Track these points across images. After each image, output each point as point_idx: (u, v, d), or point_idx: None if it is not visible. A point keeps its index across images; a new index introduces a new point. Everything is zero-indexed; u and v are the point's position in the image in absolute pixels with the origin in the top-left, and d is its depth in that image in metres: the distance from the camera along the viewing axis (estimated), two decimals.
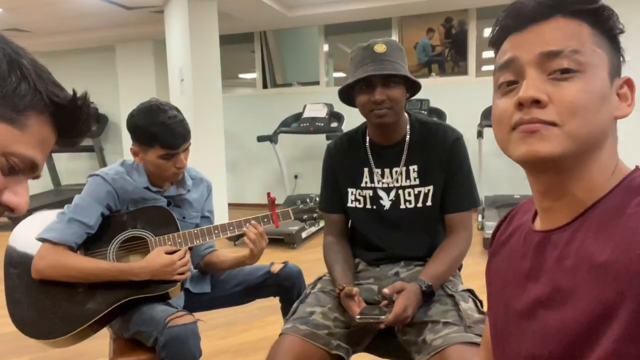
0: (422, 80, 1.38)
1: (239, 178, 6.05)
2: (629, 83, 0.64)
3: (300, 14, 5.35)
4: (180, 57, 4.63)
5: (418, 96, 5.35)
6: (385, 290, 1.19)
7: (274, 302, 1.72)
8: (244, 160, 6.10)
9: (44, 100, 0.53)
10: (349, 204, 1.43)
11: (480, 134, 4.53)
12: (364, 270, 1.43)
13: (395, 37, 5.69)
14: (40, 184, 6.47)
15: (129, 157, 1.58)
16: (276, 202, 1.63)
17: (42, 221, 1.47)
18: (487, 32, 5.18)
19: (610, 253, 0.55)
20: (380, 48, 1.29)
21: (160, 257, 1.43)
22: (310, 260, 3.49)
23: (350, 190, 1.43)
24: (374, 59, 1.28)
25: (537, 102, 0.59)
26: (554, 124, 0.58)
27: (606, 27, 0.62)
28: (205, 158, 4.52)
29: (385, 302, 1.20)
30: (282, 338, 1.24)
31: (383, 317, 1.14)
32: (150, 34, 5.87)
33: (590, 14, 0.61)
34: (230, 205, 4.91)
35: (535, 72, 0.60)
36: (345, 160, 1.44)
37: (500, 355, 0.72)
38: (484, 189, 4.27)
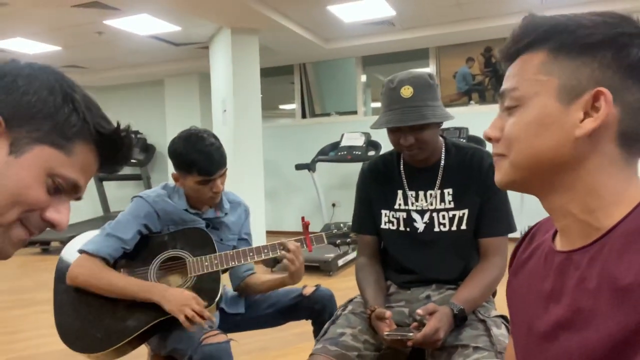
0: (461, 109, 1.40)
1: (277, 206, 6.14)
2: (598, 95, 0.58)
3: (337, 46, 5.51)
4: (223, 89, 4.84)
5: (457, 124, 5.32)
6: (419, 311, 1.18)
7: (309, 328, 1.73)
8: (282, 188, 6.21)
9: (91, 131, 0.59)
10: (382, 226, 1.45)
11: None
12: (395, 293, 1.43)
13: (432, 67, 5.73)
14: (91, 210, 6.80)
15: (172, 183, 1.67)
16: (314, 229, 1.66)
17: (88, 238, 1.56)
18: None
19: (634, 276, 0.54)
20: (406, 92, 1.28)
21: (183, 293, 1.44)
22: (346, 288, 3.47)
23: (384, 212, 1.45)
24: (400, 104, 1.28)
25: (490, 139, 0.68)
26: (504, 155, 0.67)
27: (567, 44, 0.60)
28: (244, 186, 4.65)
29: (415, 324, 1.20)
30: (313, 358, 1.25)
31: (411, 334, 1.14)
32: (196, 68, 6.18)
33: (544, 39, 0.62)
34: (268, 232, 4.98)
35: (500, 109, 0.69)
36: (379, 182, 1.47)
37: None
38: (525, 218, 4.15)
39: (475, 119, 5.04)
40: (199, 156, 1.51)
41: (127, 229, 1.54)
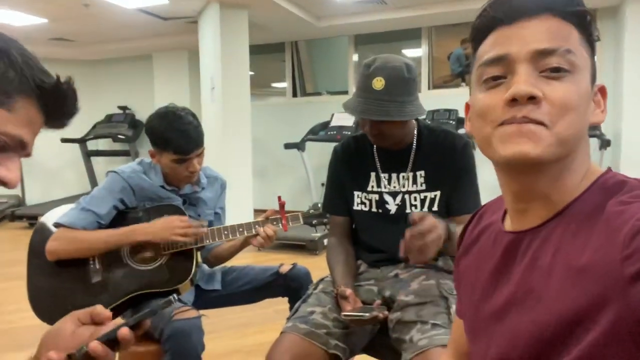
0: (452, 91, 1.38)
1: (266, 184, 6.13)
2: (602, 90, 0.64)
3: (330, 24, 5.43)
4: (212, 66, 4.77)
5: (448, 106, 5.32)
6: (414, 216, 1.06)
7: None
8: (272, 167, 6.19)
9: (31, 85, 0.58)
10: (355, 207, 1.45)
11: None
12: (365, 272, 1.44)
13: (425, 47, 5.68)
14: (79, 186, 6.76)
15: (148, 159, 1.65)
16: (303, 209, 1.66)
17: (63, 212, 1.55)
18: None
19: (590, 256, 0.54)
20: (378, 84, 1.25)
21: (162, 219, 1.49)
22: None
23: (356, 193, 1.45)
24: (369, 94, 1.26)
25: (532, 99, 0.57)
26: (543, 125, 0.57)
27: (589, 31, 0.61)
28: (232, 163, 4.63)
29: (378, 302, 1.21)
30: (283, 336, 1.26)
31: (367, 314, 1.16)
32: (186, 43, 6.07)
33: (577, 16, 0.60)
34: (256, 210, 4.98)
35: (527, 68, 0.58)
36: (352, 164, 1.47)
37: (470, 353, 0.72)
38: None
39: (465, 101, 5.04)
40: (175, 134, 1.49)
41: (103, 203, 1.53)
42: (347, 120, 5.19)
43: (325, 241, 4.31)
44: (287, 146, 5.27)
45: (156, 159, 1.58)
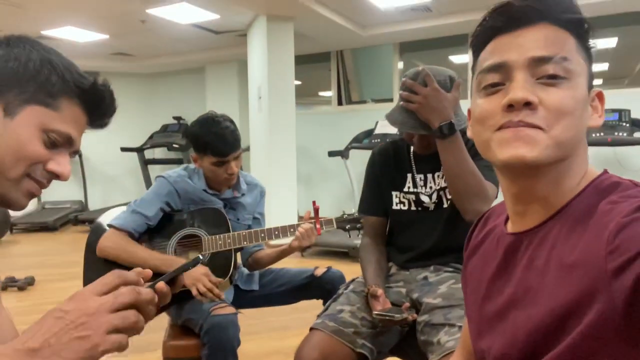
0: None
1: (311, 191, 6.23)
2: (599, 96, 0.66)
3: (374, 32, 5.48)
4: (259, 76, 4.94)
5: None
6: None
7: None
8: (316, 174, 6.29)
9: (71, 87, 0.67)
10: (394, 207, 1.49)
11: None
12: (395, 274, 1.47)
13: (471, 54, 5.59)
14: (137, 192, 7.15)
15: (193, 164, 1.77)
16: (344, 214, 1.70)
17: (116, 213, 1.69)
18: None
19: (579, 253, 0.56)
20: None
21: (199, 269, 1.53)
22: None
23: (394, 193, 1.49)
24: (402, 107, 1.34)
25: (527, 104, 0.59)
26: (539, 128, 0.59)
27: (585, 39, 0.63)
28: (277, 171, 4.76)
29: (407, 304, 1.24)
30: (311, 333, 1.31)
31: (398, 316, 1.19)
32: (236, 55, 6.31)
33: (574, 24, 0.62)
34: (300, 217, 5.08)
35: (524, 75, 0.60)
36: (389, 166, 1.52)
37: (476, 351, 0.75)
38: None
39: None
40: (213, 138, 1.59)
41: (151, 206, 1.65)
42: (391, 127, 5.17)
43: None
44: (331, 154, 5.35)
45: (198, 163, 1.69)
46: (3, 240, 5.49)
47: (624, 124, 4.21)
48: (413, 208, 1.46)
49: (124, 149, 6.66)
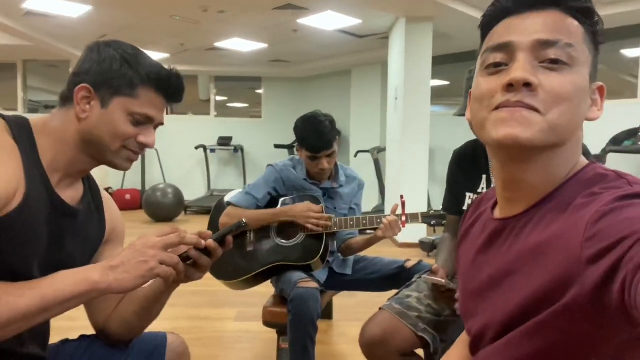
0: None
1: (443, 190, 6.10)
2: (601, 90, 0.65)
3: None
4: (396, 77, 5.04)
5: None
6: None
7: None
8: None
9: (144, 77, 0.90)
10: (464, 207, 1.51)
11: None
12: None
13: None
14: None
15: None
16: None
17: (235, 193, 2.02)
18: None
19: (556, 241, 0.59)
20: None
21: (303, 204, 1.82)
22: None
23: (467, 194, 1.51)
24: None
25: (527, 86, 0.59)
26: (536, 111, 0.59)
27: (594, 30, 0.64)
28: (409, 169, 4.81)
29: None
30: (378, 313, 1.42)
31: (444, 281, 1.25)
32: (379, 57, 6.50)
33: (584, 14, 0.63)
34: None
35: (526, 56, 0.61)
36: (465, 167, 1.53)
37: (466, 330, 0.79)
38: None
39: None
40: (310, 135, 1.79)
41: (260, 190, 1.93)
42: None
43: None
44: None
45: (299, 153, 1.91)
46: (177, 220, 6.56)
47: None
48: None
49: (277, 146, 7.36)
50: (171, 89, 0.94)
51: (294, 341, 1.62)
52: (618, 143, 4.42)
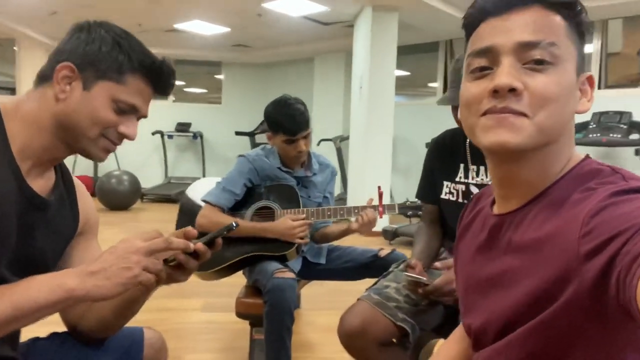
0: (630, 91, 1.32)
1: (407, 181, 6.21)
2: (590, 80, 0.65)
3: None
4: (361, 66, 5.05)
5: (617, 108, 4.72)
6: (437, 264, 1.27)
7: None
8: (414, 165, 6.23)
9: (135, 65, 0.83)
10: (442, 196, 1.52)
11: None
12: (444, 259, 1.51)
13: (597, 43, 5.10)
14: None
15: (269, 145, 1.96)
16: None
17: (204, 186, 1.95)
18: None
19: (553, 237, 0.58)
20: None
21: (286, 222, 1.75)
22: None
23: (445, 183, 1.52)
24: (459, 82, 1.34)
25: (512, 91, 0.59)
26: (524, 115, 0.59)
27: (577, 21, 0.63)
28: (373, 159, 4.85)
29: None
30: (357, 303, 1.42)
31: (425, 279, 1.24)
32: (343, 46, 6.48)
33: (566, 7, 0.62)
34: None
35: (510, 60, 0.60)
36: (444, 155, 1.54)
37: (463, 326, 0.79)
38: None
39: None
40: (285, 118, 1.76)
41: (237, 184, 1.87)
42: None
43: None
44: (428, 145, 5.28)
45: (272, 141, 1.87)
46: (134, 207, 6.35)
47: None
48: (460, 200, 1.47)
49: (238, 133, 7.23)
50: (162, 81, 0.88)
51: (270, 332, 1.60)
52: None
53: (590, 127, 4.42)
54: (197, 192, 1.98)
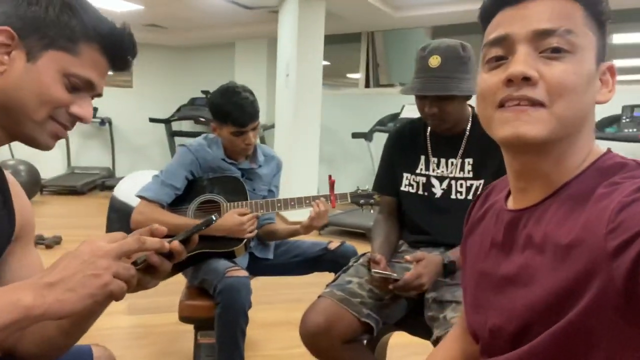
0: None
1: (332, 172, 6.19)
2: (611, 69, 0.64)
3: (407, 14, 5.39)
4: (288, 54, 4.95)
5: None
6: (407, 257, 1.25)
7: None
8: (339, 155, 6.30)
9: (90, 32, 0.69)
10: (402, 188, 1.51)
11: None
12: (405, 252, 1.50)
13: None
14: (162, 162, 7.26)
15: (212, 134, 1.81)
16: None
17: (136, 180, 1.76)
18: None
19: (576, 235, 0.56)
20: (434, 61, 1.30)
21: (234, 217, 1.63)
22: None
23: (405, 175, 1.51)
24: (426, 72, 1.31)
25: (527, 80, 0.58)
26: (541, 104, 0.58)
27: (597, 10, 0.62)
28: (300, 149, 4.79)
29: (407, 273, 1.26)
30: (319, 300, 1.36)
31: (395, 275, 1.22)
32: (266, 32, 6.31)
33: None
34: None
35: (526, 48, 0.59)
36: (404, 146, 1.52)
37: (470, 324, 0.76)
38: None
39: None
40: (233, 108, 1.63)
41: (178, 177, 1.71)
42: (417, 112, 5.15)
43: None
44: (355, 135, 5.35)
45: (217, 131, 1.73)
46: (33, 201, 5.71)
47: None
48: (420, 192, 1.46)
49: (152, 120, 6.78)
50: (122, 51, 0.74)
51: (223, 335, 1.49)
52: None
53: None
54: (124, 191, 1.78)
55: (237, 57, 6.98)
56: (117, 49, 0.73)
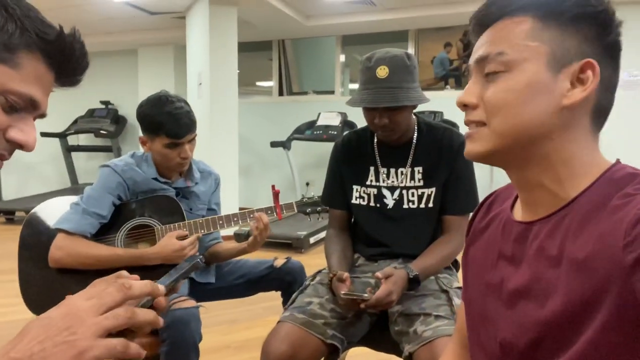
0: (437, 93, 1.40)
1: (251, 182, 6.12)
2: (587, 67, 0.60)
3: (318, 23, 5.45)
4: (199, 62, 4.74)
5: (431, 108, 5.29)
6: (378, 274, 1.22)
7: (278, 302, 1.73)
8: (257, 165, 6.18)
9: (33, 39, 0.54)
10: (353, 201, 1.47)
11: None
12: (362, 265, 1.46)
13: (411, 50, 5.74)
14: (59, 182, 6.63)
15: (140, 151, 1.64)
16: (287, 208, 1.66)
17: (54, 209, 1.53)
18: None
19: (592, 248, 0.55)
20: (382, 72, 1.28)
21: (172, 242, 1.48)
22: (318, 265, 3.51)
23: (355, 187, 1.47)
24: (375, 84, 1.29)
25: (466, 106, 0.66)
26: (483, 124, 0.64)
27: (556, 13, 0.61)
28: (219, 160, 4.59)
29: (370, 289, 1.23)
30: (280, 325, 1.27)
31: (366, 295, 1.17)
32: (172, 39, 6.02)
33: (533, 6, 0.62)
34: (240, 209, 4.96)
35: (475, 76, 0.66)
36: (352, 158, 1.48)
37: (475, 340, 0.74)
38: None
39: (451, 104, 5.07)
40: (168, 118, 1.48)
41: (103, 203, 1.51)
42: (333, 119, 5.21)
43: (312, 239, 4.34)
44: (273, 144, 5.28)
45: (147, 146, 1.57)
46: None
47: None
48: (372, 204, 1.44)
49: (44, 134, 6.13)
50: (71, 63, 0.59)
51: None
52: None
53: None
54: (50, 215, 1.55)
55: (140, 65, 6.56)
56: (66, 60, 0.58)
